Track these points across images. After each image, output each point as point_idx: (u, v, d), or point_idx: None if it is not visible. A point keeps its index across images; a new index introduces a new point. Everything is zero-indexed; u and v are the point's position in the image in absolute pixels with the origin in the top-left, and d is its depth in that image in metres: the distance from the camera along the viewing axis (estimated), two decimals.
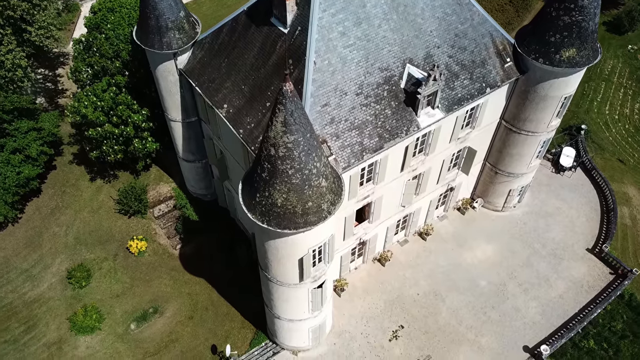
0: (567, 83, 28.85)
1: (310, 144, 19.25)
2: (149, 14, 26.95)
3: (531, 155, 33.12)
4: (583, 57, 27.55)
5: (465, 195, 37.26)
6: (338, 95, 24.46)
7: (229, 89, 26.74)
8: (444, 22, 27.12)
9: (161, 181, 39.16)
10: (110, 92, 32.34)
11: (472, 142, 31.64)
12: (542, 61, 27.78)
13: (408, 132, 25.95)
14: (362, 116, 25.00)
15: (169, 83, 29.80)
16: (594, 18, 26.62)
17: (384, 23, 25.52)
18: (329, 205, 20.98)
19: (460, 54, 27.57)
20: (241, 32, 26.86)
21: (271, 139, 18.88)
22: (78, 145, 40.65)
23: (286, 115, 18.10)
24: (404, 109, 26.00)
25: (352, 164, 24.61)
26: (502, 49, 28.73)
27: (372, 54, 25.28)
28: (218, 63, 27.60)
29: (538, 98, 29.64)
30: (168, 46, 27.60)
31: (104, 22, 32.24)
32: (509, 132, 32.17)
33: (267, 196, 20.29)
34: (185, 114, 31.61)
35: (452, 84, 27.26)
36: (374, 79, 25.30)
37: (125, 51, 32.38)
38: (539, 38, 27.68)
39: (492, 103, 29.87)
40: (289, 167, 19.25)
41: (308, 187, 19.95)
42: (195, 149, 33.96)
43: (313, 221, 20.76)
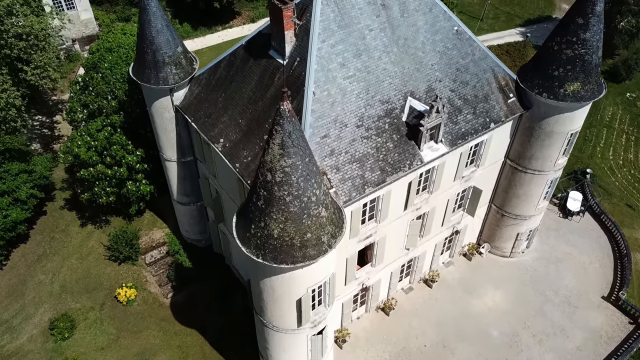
0: (573, 119, 28.11)
1: (309, 169, 18.08)
2: (145, 49, 26.59)
3: (539, 196, 31.89)
4: (588, 91, 26.96)
5: (471, 239, 35.68)
6: (338, 126, 23.58)
7: (226, 124, 25.91)
8: (445, 56, 26.73)
9: (154, 226, 37.65)
10: (105, 132, 31.55)
11: (477, 181, 30.51)
12: (546, 96, 27.17)
13: (411, 166, 24.86)
14: (363, 149, 24.00)
15: (165, 120, 29.04)
16: (597, 51, 26.26)
17: (384, 55, 25.08)
18: (329, 238, 19.51)
19: (463, 89, 27.00)
20: (239, 66, 26.39)
21: (268, 163, 17.73)
22: (70, 191, 39.46)
23: (284, 136, 17.05)
24: (406, 143, 25.04)
25: (354, 197, 23.32)
26: (504, 85, 28.21)
27: (373, 86, 24.64)
28: (215, 98, 26.96)
29: (544, 135, 28.81)
30: (164, 81, 27.05)
31: (101, 62, 31.99)
32: (515, 171, 31.11)
33: (262, 227, 18.87)
34: (180, 153, 30.66)
35: (455, 118, 26.49)
36: (374, 111, 24.53)
37: (122, 90, 31.90)
38: (542, 72, 27.22)
39: (497, 140, 29.01)
40: (287, 194, 17.97)
41: (307, 216, 18.58)
42: (190, 190, 32.75)
43: (312, 255, 19.22)
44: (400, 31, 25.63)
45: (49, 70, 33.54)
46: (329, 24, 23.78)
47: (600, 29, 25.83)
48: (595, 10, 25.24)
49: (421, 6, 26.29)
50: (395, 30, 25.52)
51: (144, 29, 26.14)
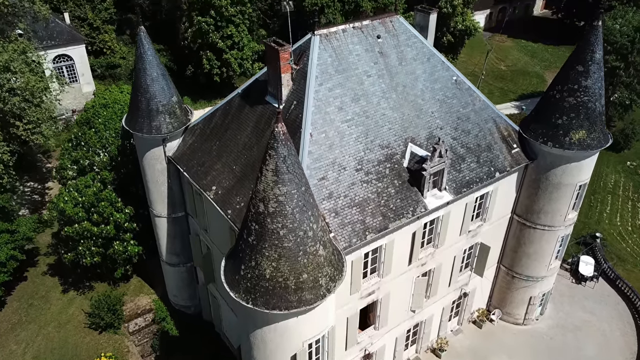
0: (581, 169, 27.05)
1: (306, 199, 16.63)
2: (140, 97, 26.07)
3: (550, 255, 30.03)
4: (594, 140, 26.13)
5: (480, 305, 33.20)
6: (336, 169, 22.39)
7: (219, 171, 24.75)
8: (445, 105, 26.19)
9: (141, 292, 35.22)
10: (94, 188, 30.28)
11: (484, 237, 28.81)
12: (551, 145, 26.31)
13: (415, 213, 23.35)
14: (363, 193, 22.64)
15: (156, 172, 27.90)
16: (599, 99, 25.79)
17: (383, 101, 24.50)
18: (327, 281, 17.59)
19: (465, 137, 26.18)
20: (235, 113, 25.74)
21: (260, 192, 16.31)
22: (55, 256, 37.43)
23: (278, 161, 15.79)
24: (409, 189, 23.73)
25: (354, 244, 21.57)
26: (507, 135, 27.46)
27: (372, 131, 23.79)
28: (209, 147, 26.03)
29: (551, 187, 27.59)
30: (157, 130, 26.25)
31: (95, 117, 31.46)
32: (523, 227, 29.51)
33: (253, 266, 17.04)
34: (171, 208, 29.19)
35: (459, 166, 25.40)
36: (374, 155, 23.48)
37: (115, 145, 31.09)
38: (546, 121, 26.57)
39: (503, 193, 27.74)
40: (281, 226, 16.36)
41: (303, 254, 16.83)
42: (181, 249, 30.87)
43: (309, 300, 17.20)
44: (399, 78, 25.29)
45: (42, 126, 33.04)
46: (326, 68, 23.41)
47: (600, 77, 25.53)
48: (594, 58, 25.08)
49: (419, 55, 26.19)
50: (394, 78, 25.17)
51: (139, 77, 25.79)
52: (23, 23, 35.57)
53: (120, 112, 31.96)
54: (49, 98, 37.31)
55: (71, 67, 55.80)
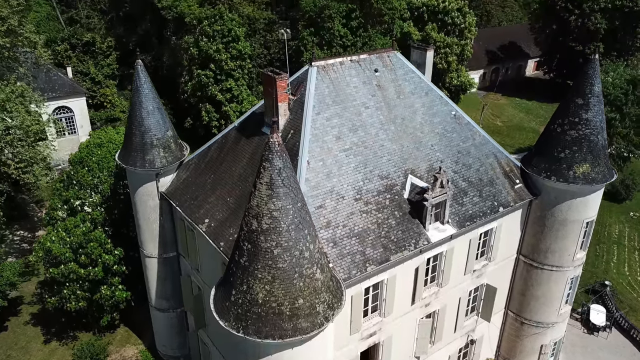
0: (587, 205, 26.20)
1: (302, 216, 15.67)
2: (134, 131, 25.61)
3: (560, 298, 28.52)
4: (599, 174, 25.49)
5: (488, 354, 31.17)
6: (334, 198, 21.53)
7: (213, 204, 23.85)
8: (445, 139, 25.75)
9: (128, 343, 33.16)
10: (84, 228, 29.16)
11: (490, 278, 27.46)
12: (555, 179, 25.62)
13: (417, 245, 22.24)
14: (363, 223, 21.65)
15: (148, 209, 26.96)
16: (602, 132, 25.41)
17: (382, 132, 24.06)
18: (325, 309, 16.27)
19: (466, 171, 25.53)
20: (231, 146, 25.20)
21: (254, 208, 15.38)
22: (39, 305, 35.64)
23: (273, 174, 14.99)
24: (410, 221, 22.76)
25: (354, 276, 20.31)
26: (508, 170, 26.83)
27: (371, 161, 23.17)
28: (203, 180, 25.28)
29: (557, 224, 26.62)
30: (151, 164, 25.58)
31: (89, 156, 30.88)
32: (530, 268, 28.22)
33: (244, 291, 15.79)
34: (162, 248, 27.98)
35: (461, 199, 24.57)
36: (373, 185, 22.70)
37: (107, 184, 30.29)
38: (548, 156, 26.04)
39: (507, 230, 26.72)
40: (275, 245, 15.29)
41: (298, 276, 15.64)
42: (171, 293, 29.30)
43: (305, 328, 15.82)
44: (397, 111, 25.00)
45: (34, 166, 32.41)
46: (323, 98, 23.15)
47: (601, 110, 25.30)
48: (593, 91, 24.95)
49: (417, 90, 26.06)
50: (392, 110, 24.88)
51: (135, 110, 25.47)
52: (23, 68, 35.89)
53: (115, 151, 31.40)
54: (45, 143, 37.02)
55: (71, 119, 56.12)
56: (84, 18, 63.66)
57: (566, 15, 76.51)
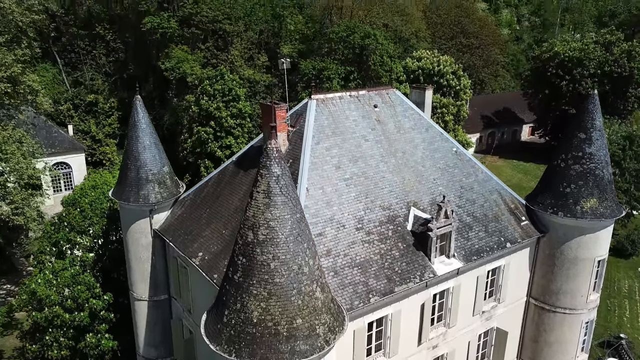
0: (597, 242, 25.23)
1: (301, 229, 14.79)
2: (129, 166, 25.14)
3: (575, 344, 26.79)
4: (607, 209, 24.76)
5: None
6: (335, 226, 20.64)
7: (207, 237, 22.87)
8: (447, 174, 25.23)
9: None
10: (72, 270, 27.88)
11: (500, 322, 25.91)
12: (562, 215, 24.85)
13: (422, 278, 21.05)
14: (365, 254, 20.60)
15: (140, 248, 25.88)
16: (606, 167, 24.97)
17: (382, 164, 23.57)
18: (326, 331, 14.97)
19: (470, 206, 24.80)
20: (228, 180, 24.60)
21: (249, 219, 14.54)
22: (20, 359, 33.41)
23: (270, 181, 14.29)
24: (414, 253, 21.71)
25: (356, 307, 18.99)
26: (514, 208, 26.10)
27: (372, 192, 22.50)
28: (198, 215, 24.44)
29: (568, 262, 25.50)
30: (145, 199, 24.86)
31: (82, 198, 30.14)
32: (542, 311, 26.72)
33: (238, 309, 14.57)
34: (153, 290, 26.60)
35: (467, 234, 23.65)
36: (375, 216, 21.88)
37: (99, 226, 29.33)
38: (553, 191, 25.43)
39: (515, 269, 25.56)
40: (272, 257, 14.29)
41: (297, 293, 14.51)
42: (161, 339, 27.51)
43: (303, 352, 14.45)
44: (398, 145, 24.67)
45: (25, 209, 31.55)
46: (323, 129, 22.89)
47: (604, 144, 25.02)
48: (595, 125, 24.80)
49: (417, 126, 25.90)
50: (392, 144, 24.56)
51: (131, 145, 25.14)
52: (23, 114, 36.01)
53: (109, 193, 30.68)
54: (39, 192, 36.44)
55: (68, 175, 55.92)
56: (87, 80, 65.17)
57: (557, 81, 78.75)
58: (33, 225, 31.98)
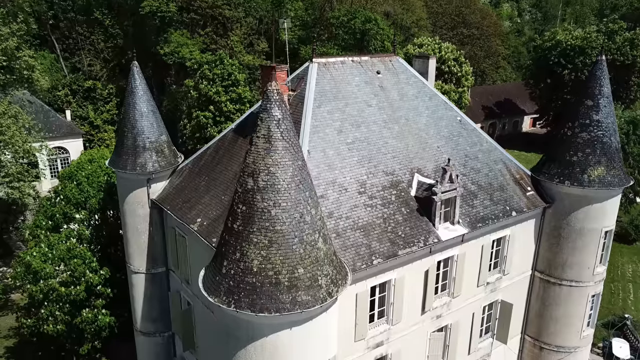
0: (604, 212, 24.70)
1: (303, 177, 14.24)
2: (126, 133, 24.54)
3: (581, 318, 26.25)
4: (615, 177, 24.22)
5: None
6: (337, 189, 20.09)
7: (206, 204, 22.30)
8: (451, 142, 24.68)
9: None
10: (68, 244, 27.31)
11: (505, 294, 25.38)
12: (568, 184, 24.30)
13: (426, 242, 20.50)
14: (368, 217, 20.05)
15: (137, 219, 25.29)
16: (614, 134, 24.44)
17: (385, 130, 23.02)
18: (328, 283, 14.42)
19: (475, 175, 24.24)
20: (227, 148, 24.03)
21: (249, 166, 13.99)
22: (16, 339, 32.93)
23: (271, 125, 13.75)
24: (418, 218, 21.16)
25: (359, 268, 18.44)
26: (519, 178, 25.54)
27: (375, 157, 21.94)
28: (197, 184, 23.87)
29: (574, 233, 24.97)
30: (142, 167, 24.28)
31: (79, 171, 29.53)
32: (547, 285, 26.19)
33: (238, 259, 14.02)
34: (151, 262, 26.02)
35: (471, 202, 23.10)
36: (378, 180, 21.32)
37: (96, 199, 28.74)
38: (560, 160, 24.89)
39: (520, 241, 25.04)
40: (272, 204, 13.73)
41: (299, 242, 13.96)
42: (158, 313, 26.94)
43: (305, 302, 13.89)
44: (401, 112, 24.11)
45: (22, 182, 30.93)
46: (325, 93, 22.33)
47: (611, 112, 24.49)
48: (603, 92, 24.26)
49: (420, 94, 25.35)
50: (396, 111, 24.00)
51: (128, 112, 24.55)
52: (19, 91, 35.43)
53: (106, 167, 30.07)
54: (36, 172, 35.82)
55: (66, 160, 55.27)
56: (85, 66, 64.56)
57: (559, 70, 78.15)
58: (28, 200, 31.41)
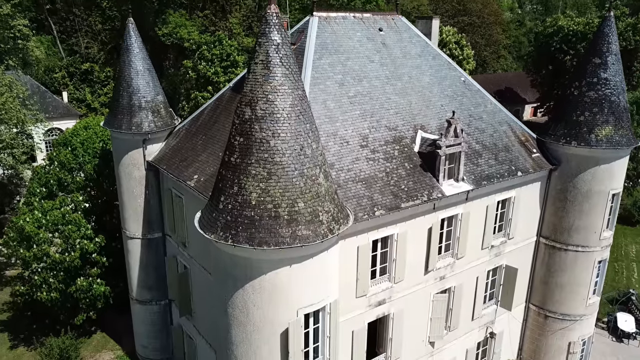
0: (612, 173, 24.07)
1: (303, 107, 13.62)
2: (122, 92, 23.90)
3: (587, 284, 25.64)
4: (623, 137, 23.59)
5: (509, 356, 27.69)
6: (338, 142, 19.45)
7: (203, 161, 21.67)
8: (455, 101, 24.03)
9: (104, 348, 29.57)
10: (63, 210, 26.66)
11: (510, 260, 24.78)
12: (575, 144, 23.68)
13: (430, 196, 19.87)
14: (370, 170, 19.42)
15: (133, 181, 24.66)
16: (622, 93, 23.80)
17: (388, 87, 22.37)
18: (329, 220, 13.80)
19: (479, 135, 23.62)
20: (225, 106, 23.38)
21: (247, 94, 13.35)
22: (9, 312, 32.31)
23: (269, 50, 13.10)
24: (422, 174, 20.53)
25: (361, 218, 17.79)
26: (524, 140, 24.93)
27: (377, 112, 21.30)
28: (194, 143, 23.23)
29: (581, 196, 24.35)
30: (138, 127, 23.64)
31: (74, 137, 28.87)
32: (553, 250, 25.58)
33: (235, 193, 13.38)
34: (147, 227, 25.39)
35: (476, 160, 22.48)
36: (380, 135, 20.69)
37: (91, 165, 28.08)
38: (566, 120, 24.25)
39: (525, 205, 24.42)
40: (271, 134, 13.10)
41: (299, 175, 13.32)
42: (155, 281, 26.31)
43: (305, 237, 13.27)
44: (404, 70, 23.46)
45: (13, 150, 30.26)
46: (326, 46, 21.67)
47: (620, 69, 23.83)
48: (611, 49, 23.60)
49: (424, 53, 24.70)
50: (399, 68, 23.35)
51: (123, 70, 23.89)
52: (14, 61, 34.77)
53: (102, 134, 29.48)
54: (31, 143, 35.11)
55: None
56: (83, 49, 63.83)
57: (561, 56, 77.40)
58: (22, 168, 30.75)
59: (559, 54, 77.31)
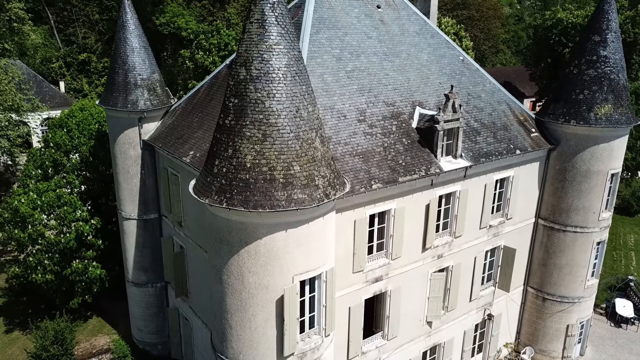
0: (611, 152, 23.90)
1: (299, 69, 13.39)
2: (117, 70, 23.64)
3: (586, 266, 25.49)
4: (622, 115, 23.43)
5: (507, 339, 27.53)
6: (335, 115, 19.24)
7: (199, 138, 21.43)
8: (454, 80, 23.82)
9: (100, 332, 29.35)
10: (58, 192, 26.40)
11: (508, 241, 24.61)
12: (574, 123, 23.50)
13: (428, 171, 19.68)
14: (367, 144, 19.22)
15: (129, 160, 24.42)
16: (622, 71, 23.61)
17: (386, 63, 22.16)
18: (325, 185, 13.59)
19: (478, 113, 23.43)
20: (221, 84, 23.12)
21: (242, 55, 13.12)
22: (5, 298, 32.08)
23: (265, 8, 12.88)
24: (420, 149, 20.33)
25: (357, 191, 17.59)
26: (523, 120, 24.74)
27: (375, 88, 21.09)
28: (190, 121, 23.00)
29: (580, 176, 24.18)
30: (133, 105, 23.40)
31: (70, 119, 28.61)
32: (551, 232, 25.41)
33: (230, 156, 13.16)
34: (143, 208, 25.16)
35: (474, 138, 22.29)
36: (378, 110, 20.48)
37: (87, 146, 27.82)
38: (566, 99, 24.07)
39: (524, 185, 24.26)
40: (266, 95, 12.87)
41: (294, 137, 13.10)
42: (150, 263, 26.08)
43: (301, 200, 13.05)
44: (402, 47, 23.25)
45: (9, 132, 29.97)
46: (323, 20, 21.45)
47: (620, 47, 23.66)
48: (610, 26, 23.41)
49: (422, 31, 24.49)
50: (397, 45, 23.14)
51: (119, 47, 23.64)
52: (10, 45, 34.48)
53: (98, 115, 29.22)
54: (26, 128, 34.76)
55: None
56: (80, 39, 63.51)
57: (560, 49, 77.20)
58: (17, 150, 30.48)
59: (558, 47, 77.06)
